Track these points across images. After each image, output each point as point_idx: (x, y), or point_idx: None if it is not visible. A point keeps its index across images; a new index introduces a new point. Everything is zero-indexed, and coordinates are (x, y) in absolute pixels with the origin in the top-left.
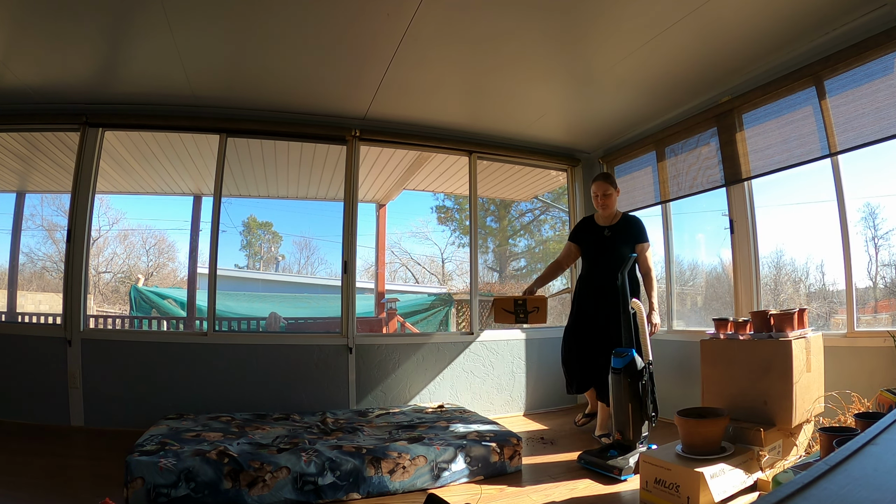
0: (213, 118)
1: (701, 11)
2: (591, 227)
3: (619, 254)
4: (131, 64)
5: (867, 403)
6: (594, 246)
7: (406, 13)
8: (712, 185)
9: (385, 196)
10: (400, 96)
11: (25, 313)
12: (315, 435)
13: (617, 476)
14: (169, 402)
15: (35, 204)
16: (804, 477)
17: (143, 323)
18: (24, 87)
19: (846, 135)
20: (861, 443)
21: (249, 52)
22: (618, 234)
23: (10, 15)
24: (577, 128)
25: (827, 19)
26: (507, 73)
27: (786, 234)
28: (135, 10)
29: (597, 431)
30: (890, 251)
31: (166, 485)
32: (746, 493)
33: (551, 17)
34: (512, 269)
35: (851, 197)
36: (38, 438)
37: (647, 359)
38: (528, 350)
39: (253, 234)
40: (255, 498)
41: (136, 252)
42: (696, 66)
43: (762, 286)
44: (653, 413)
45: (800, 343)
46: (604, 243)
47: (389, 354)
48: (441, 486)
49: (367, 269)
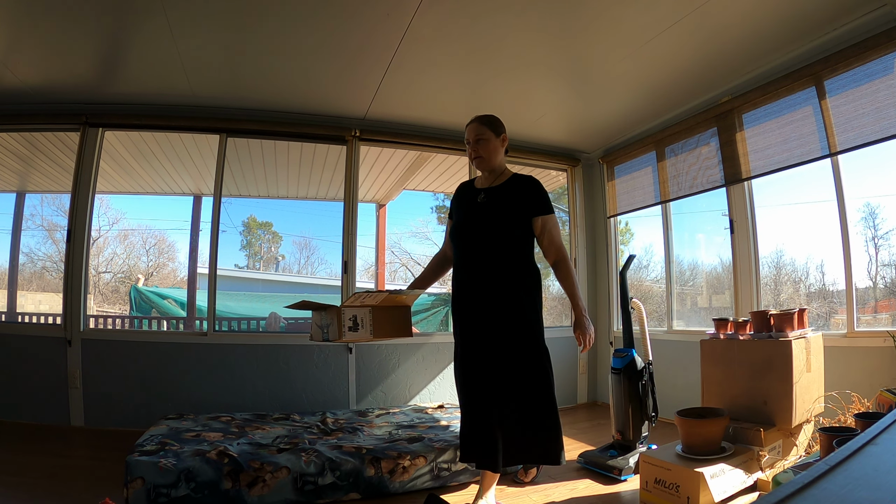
0: (213, 118)
1: (701, 11)
2: (466, 194)
3: (495, 230)
4: (131, 64)
5: (867, 403)
6: (463, 220)
7: (406, 13)
8: (712, 185)
9: (385, 196)
10: (400, 96)
11: (25, 313)
12: (315, 435)
13: (617, 476)
14: (169, 402)
15: (35, 204)
16: (804, 477)
17: (143, 323)
18: (24, 87)
19: (846, 135)
20: (861, 443)
21: (249, 51)
22: (497, 200)
23: (10, 15)
24: (577, 128)
25: (827, 19)
26: (506, 73)
27: (786, 234)
28: (135, 10)
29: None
30: (890, 251)
31: (166, 485)
32: (746, 493)
33: (551, 17)
34: None
35: (851, 197)
36: (38, 438)
37: (647, 359)
38: None
39: (253, 234)
40: (255, 498)
41: (136, 252)
42: (696, 66)
43: (762, 286)
44: (653, 413)
45: (800, 343)
46: (475, 214)
47: (389, 354)
48: (441, 486)
49: (367, 269)
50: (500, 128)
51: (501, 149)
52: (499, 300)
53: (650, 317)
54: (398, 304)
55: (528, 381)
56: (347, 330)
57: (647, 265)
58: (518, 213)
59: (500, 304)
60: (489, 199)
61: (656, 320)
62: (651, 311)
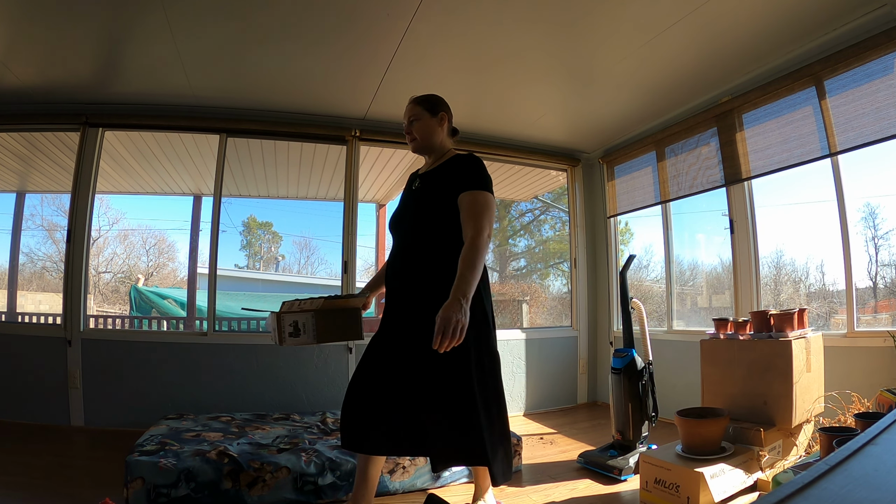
0: (213, 118)
1: (701, 11)
2: (409, 183)
3: (422, 217)
4: (131, 64)
5: (867, 403)
6: (396, 212)
7: (406, 13)
8: (712, 185)
9: (385, 196)
10: (400, 96)
11: (25, 313)
12: (315, 435)
13: (617, 476)
14: (169, 402)
15: (35, 204)
16: (804, 477)
17: (143, 323)
18: (24, 87)
19: (846, 135)
20: (861, 443)
21: (249, 51)
22: (430, 186)
23: (10, 15)
24: (577, 128)
25: (827, 19)
26: (507, 72)
27: (786, 234)
28: (135, 9)
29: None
30: (890, 251)
31: (166, 485)
32: (746, 493)
33: (551, 17)
34: (512, 269)
35: (851, 197)
36: (38, 438)
37: (647, 359)
38: (528, 350)
39: (253, 234)
40: (255, 498)
41: (136, 252)
42: (696, 66)
43: (762, 286)
44: (653, 413)
45: (800, 343)
46: (406, 204)
47: None
48: (441, 486)
49: (367, 269)
50: (438, 106)
51: (440, 129)
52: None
53: (650, 317)
54: (345, 307)
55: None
56: (288, 336)
57: (647, 265)
58: (450, 197)
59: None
60: (422, 186)
61: (656, 320)
62: (651, 311)
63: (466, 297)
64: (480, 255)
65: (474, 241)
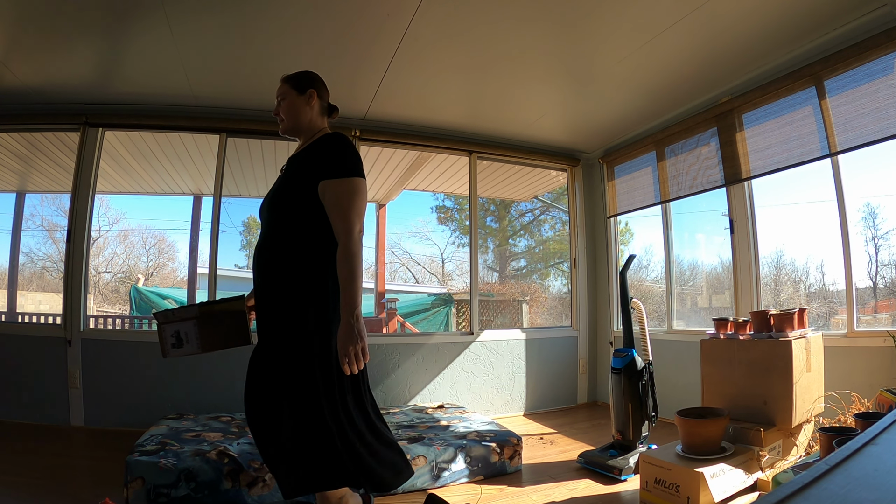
0: (213, 118)
1: (701, 11)
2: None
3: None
4: (131, 64)
5: (867, 403)
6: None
7: (406, 13)
8: (712, 185)
9: (385, 196)
10: (400, 96)
11: (25, 313)
12: None
13: (617, 476)
14: (169, 402)
15: (35, 204)
16: (804, 477)
17: (143, 323)
18: (24, 87)
19: (846, 135)
20: (861, 443)
21: (249, 51)
22: (293, 169)
23: (11, 15)
24: (577, 128)
25: (827, 19)
26: (507, 72)
27: (786, 234)
28: (135, 9)
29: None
30: (890, 251)
31: (166, 485)
32: (746, 493)
33: (551, 17)
34: (512, 269)
35: (851, 197)
36: (38, 438)
37: (647, 359)
38: (528, 350)
39: (253, 235)
40: (255, 498)
41: (136, 252)
42: (695, 66)
43: (762, 286)
44: (653, 413)
45: (800, 343)
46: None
47: (389, 354)
48: (441, 486)
49: (367, 269)
50: (306, 83)
51: (307, 108)
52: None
53: (650, 317)
54: (228, 310)
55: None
56: (171, 347)
57: (647, 265)
58: (309, 184)
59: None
60: (286, 170)
61: (656, 320)
62: (651, 311)
63: (355, 313)
64: (356, 258)
65: (346, 245)
